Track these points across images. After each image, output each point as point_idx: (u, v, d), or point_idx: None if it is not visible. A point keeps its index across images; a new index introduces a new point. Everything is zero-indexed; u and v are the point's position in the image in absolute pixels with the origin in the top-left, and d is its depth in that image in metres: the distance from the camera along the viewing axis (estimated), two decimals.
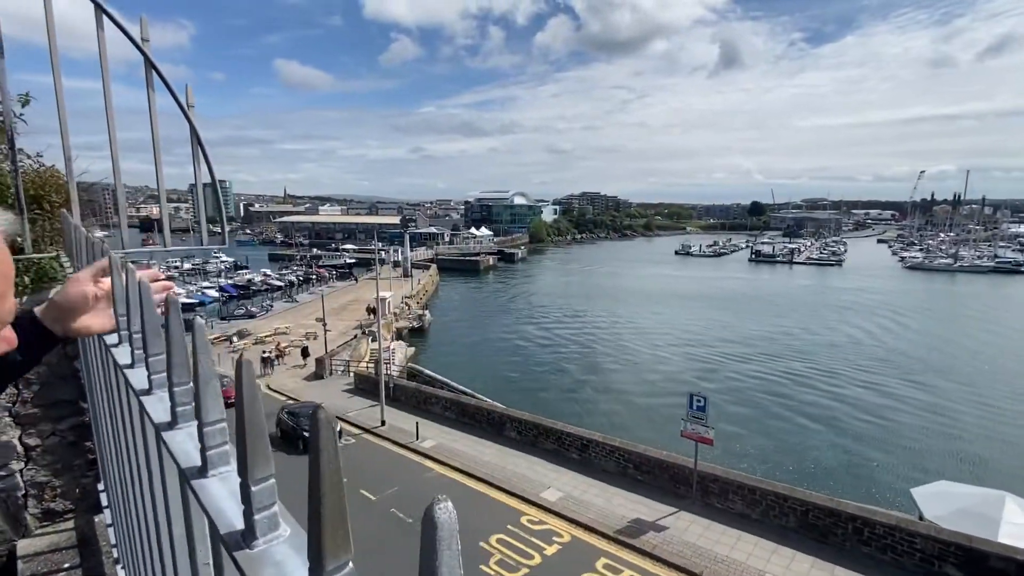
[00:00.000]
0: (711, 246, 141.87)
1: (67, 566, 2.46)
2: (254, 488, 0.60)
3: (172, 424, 0.88)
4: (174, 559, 1.01)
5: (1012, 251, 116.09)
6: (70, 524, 2.75)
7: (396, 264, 78.56)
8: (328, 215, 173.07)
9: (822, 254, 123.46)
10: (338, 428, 22.01)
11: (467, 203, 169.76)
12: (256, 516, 0.59)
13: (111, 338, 1.38)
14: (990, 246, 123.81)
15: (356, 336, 40.36)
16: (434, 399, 24.97)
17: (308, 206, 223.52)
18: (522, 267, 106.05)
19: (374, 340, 34.26)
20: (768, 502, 15.02)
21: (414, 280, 68.00)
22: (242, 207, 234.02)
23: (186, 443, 0.82)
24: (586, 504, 16.52)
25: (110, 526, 2.39)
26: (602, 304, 64.19)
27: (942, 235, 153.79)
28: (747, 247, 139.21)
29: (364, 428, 23.29)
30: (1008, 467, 24.32)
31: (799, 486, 16.29)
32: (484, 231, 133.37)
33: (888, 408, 31.81)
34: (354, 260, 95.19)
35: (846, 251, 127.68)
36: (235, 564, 0.57)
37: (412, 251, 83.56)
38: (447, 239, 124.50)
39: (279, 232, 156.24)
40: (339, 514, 0.47)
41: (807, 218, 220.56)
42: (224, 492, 0.70)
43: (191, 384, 0.80)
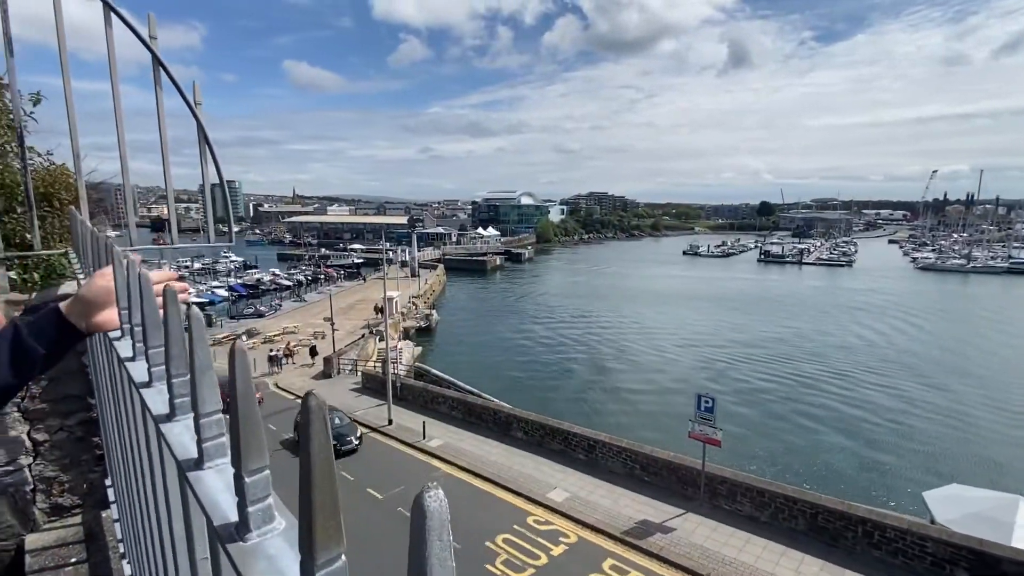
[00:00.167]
0: (719, 246, 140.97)
1: (74, 561, 2.47)
2: (248, 479, 0.58)
3: (170, 416, 0.87)
4: (174, 553, 1.00)
5: None
6: (77, 519, 2.76)
7: (404, 264, 78.85)
8: (336, 215, 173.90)
9: (832, 255, 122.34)
10: (359, 434, 21.46)
11: (474, 203, 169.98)
12: (250, 508, 0.58)
13: (114, 332, 1.38)
14: (1004, 247, 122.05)
15: (364, 335, 40.52)
16: (441, 398, 25.01)
17: (317, 206, 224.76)
18: (529, 267, 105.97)
19: (381, 339, 34.37)
20: (777, 504, 14.90)
21: (421, 280, 68.15)
22: (251, 207, 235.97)
23: (183, 435, 0.81)
24: (593, 505, 16.46)
25: (116, 521, 2.40)
26: (609, 304, 63.98)
27: (955, 235, 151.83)
28: (756, 247, 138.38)
29: (371, 427, 23.37)
30: (1022, 471, 23.95)
31: (809, 488, 16.16)
32: (491, 231, 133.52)
33: (899, 410, 31.43)
34: (362, 260, 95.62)
35: (857, 252, 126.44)
36: (228, 557, 0.56)
37: (419, 251, 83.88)
38: (454, 239, 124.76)
39: (288, 232, 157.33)
40: (331, 505, 0.46)
41: (817, 218, 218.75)
42: (220, 484, 0.69)
43: (189, 376, 0.79)
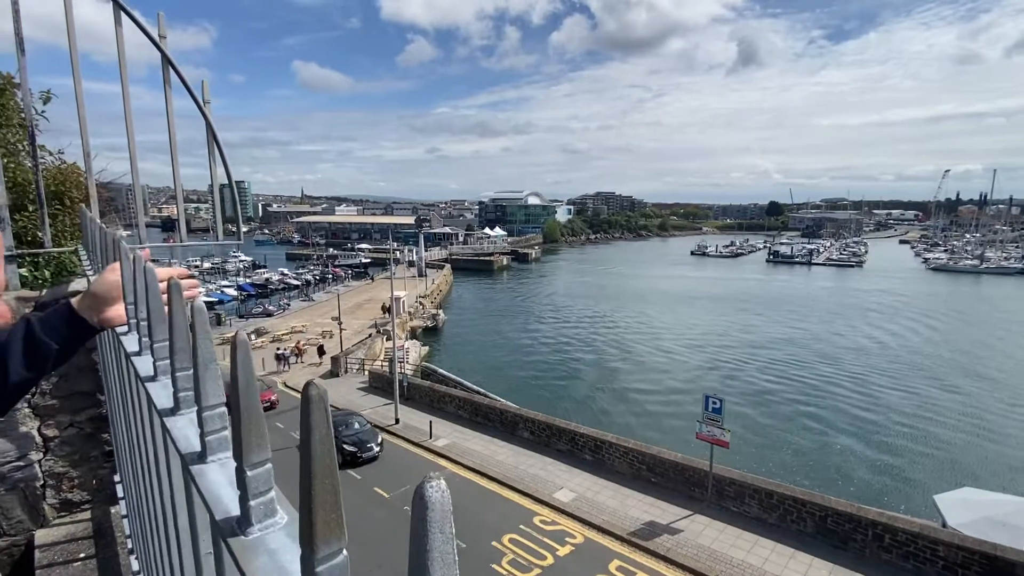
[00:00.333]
0: (728, 247, 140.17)
1: (83, 556, 2.49)
2: (249, 473, 0.57)
3: (175, 410, 0.87)
4: (179, 548, 1.00)
5: None
6: (87, 514, 2.78)
7: (411, 264, 79.05)
8: (344, 215, 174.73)
9: (842, 255, 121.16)
10: (380, 440, 20.37)
11: (481, 203, 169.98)
12: (251, 502, 0.57)
13: (123, 327, 1.38)
14: (1018, 247, 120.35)
15: (371, 335, 40.66)
16: (448, 398, 25.03)
17: (325, 206, 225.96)
18: (536, 267, 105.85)
19: (389, 339, 34.48)
20: (786, 506, 14.77)
21: (428, 280, 68.28)
22: (261, 207, 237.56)
23: (187, 429, 0.81)
24: (599, 505, 16.41)
25: (125, 517, 2.41)
26: (616, 304, 63.77)
27: (967, 236, 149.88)
28: (765, 248, 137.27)
29: (378, 426, 23.43)
30: None
31: (818, 490, 16.00)
32: (498, 231, 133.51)
33: (911, 412, 31.05)
34: (369, 260, 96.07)
35: (867, 252, 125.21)
36: (229, 551, 0.55)
37: (426, 251, 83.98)
38: (461, 239, 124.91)
39: (296, 232, 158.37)
40: (332, 498, 0.44)
41: (826, 218, 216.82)
42: (222, 478, 0.68)
43: (193, 369, 0.78)
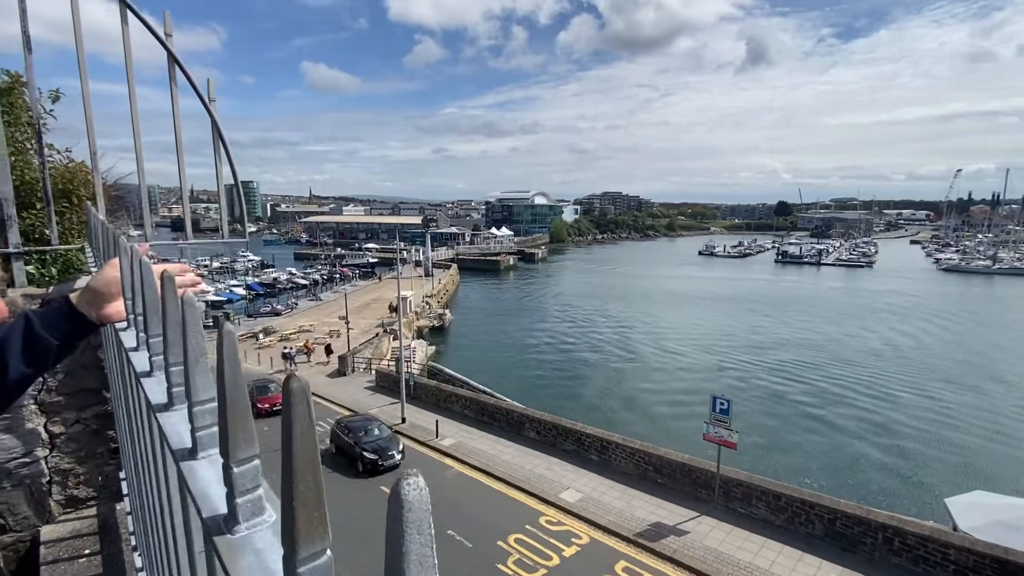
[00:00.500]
0: (736, 247, 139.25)
1: (87, 552, 2.49)
2: (236, 469, 0.56)
3: (168, 405, 0.85)
4: (176, 546, 0.99)
5: None
6: (92, 511, 2.79)
7: (418, 264, 79.28)
8: (352, 215, 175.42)
9: (852, 255, 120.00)
10: (401, 447, 19.54)
11: (488, 203, 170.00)
12: (238, 500, 0.56)
13: (122, 323, 1.38)
14: None
15: (378, 334, 40.79)
16: (454, 397, 25.06)
17: (332, 206, 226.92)
18: (542, 267, 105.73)
19: (395, 338, 34.57)
20: (794, 508, 14.64)
21: (435, 279, 68.42)
22: (269, 207, 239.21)
23: (180, 425, 0.79)
24: (605, 506, 16.35)
25: (129, 514, 2.42)
26: (622, 305, 63.55)
27: (980, 236, 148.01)
28: (773, 248, 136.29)
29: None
30: None
31: (826, 493, 15.85)
32: (504, 231, 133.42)
33: (922, 414, 30.70)
34: (376, 259, 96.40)
35: (877, 252, 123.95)
36: (215, 550, 0.53)
37: (433, 251, 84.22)
38: (468, 239, 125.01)
39: (304, 232, 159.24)
40: (315, 496, 0.43)
41: (836, 218, 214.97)
42: (212, 475, 0.67)
43: (183, 364, 0.77)
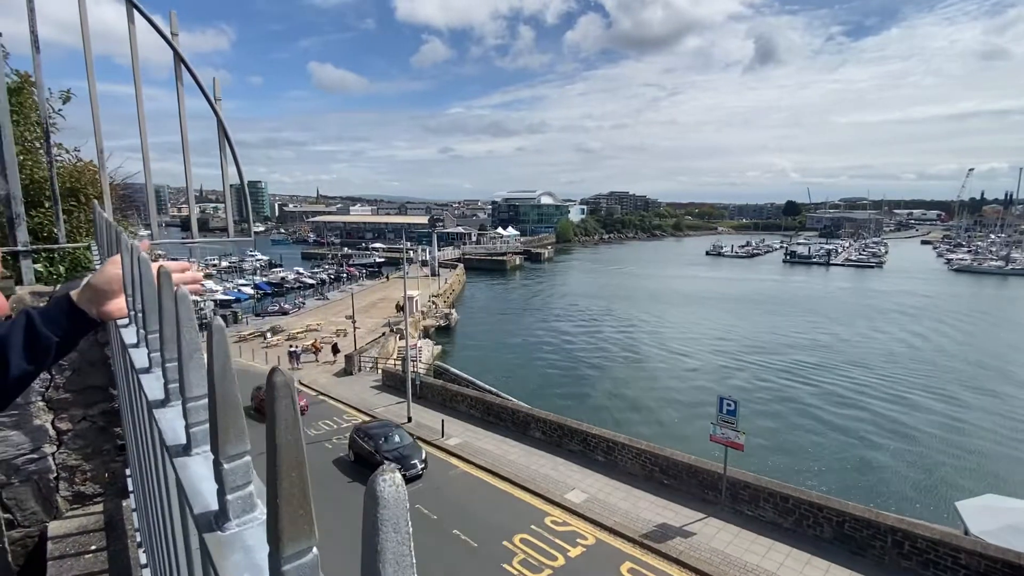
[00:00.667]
0: (744, 247, 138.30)
1: (94, 548, 2.51)
2: (226, 465, 0.55)
3: (165, 401, 0.85)
4: (174, 542, 0.99)
5: None
6: (99, 507, 2.81)
7: (424, 263, 79.43)
8: (359, 215, 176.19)
9: (861, 255, 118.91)
10: (424, 455, 18.84)
11: (494, 203, 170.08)
12: (229, 496, 0.55)
13: (124, 320, 1.38)
14: None
15: (384, 333, 40.91)
16: (460, 397, 25.08)
17: (339, 206, 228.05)
18: (548, 267, 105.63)
19: (402, 338, 34.66)
20: (802, 511, 14.52)
21: (441, 279, 68.55)
22: (277, 207, 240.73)
23: (175, 421, 0.79)
24: (611, 507, 16.30)
25: (135, 510, 2.43)
26: (628, 305, 63.35)
27: (992, 236, 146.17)
28: (781, 248, 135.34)
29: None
30: None
31: (835, 495, 15.71)
32: (511, 231, 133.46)
33: (932, 416, 30.35)
34: (383, 259, 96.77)
35: (887, 252, 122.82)
36: (204, 547, 0.53)
37: (440, 251, 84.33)
38: (474, 239, 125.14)
39: (312, 231, 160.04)
40: (300, 494, 0.42)
41: (845, 218, 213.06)
42: (205, 471, 0.66)
43: (177, 359, 0.76)
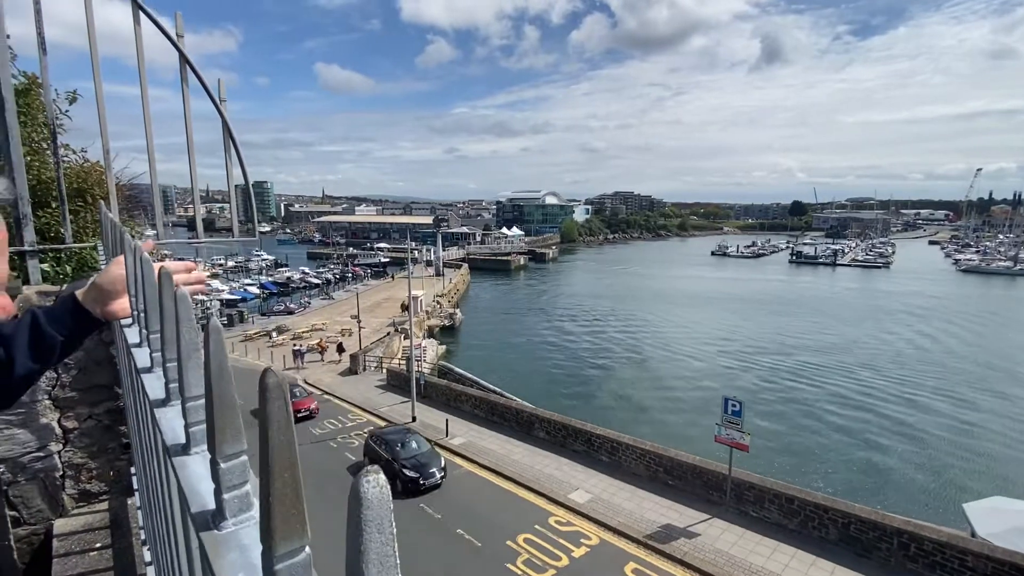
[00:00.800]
0: (749, 247, 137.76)
1: (99, 546, 2.53)
2: (223, 465, 0.56)
3: (165, 401, 0.86)
4: (176, 539, 1.00)
5: None
6: (104, 505, 2.83)
7: (429, 263, 79.57)
8: (364, 215, 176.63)
9: (868, 256, 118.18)
10: (443, 464, 17.71)
11: (499, 203, 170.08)
12: (225, 495, 0.55)
13: (128, 319, 1.39)
14: None
15: (389, 333, 41.02)
16: (464, 397, 25.11)
17: (345, 206, 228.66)
18: (553, 267, 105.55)
19: (406, 337, 34.72)
20: (807, 512, 14.44)
21: (446, 279, 68.64)
22: (283, 207, 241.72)
23: (175, 420, 0.80)
24: (615, 507, 16.27)
25: (139, 508, 2.46)
26: (633, 305, 63.21)
27: (1001, 236, 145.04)
28: (787, 248, 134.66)
29: (395, 424, 23.64)
30: None
31: (840, 496, 15.63)
32: (515, 231, 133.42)
33: (940, 418, 30.12)
34: (388, 259, 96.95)
35: (894, 253, 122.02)
36: (200, 545, 0.53)
37: (444, 250, 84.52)
38: (479, 239, 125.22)
39: (317, 231, 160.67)
40: (293, 494, 0.42)
41: (852, 218, 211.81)
42: (203, 470, 0.67)
43: (178, 359, 0.77)
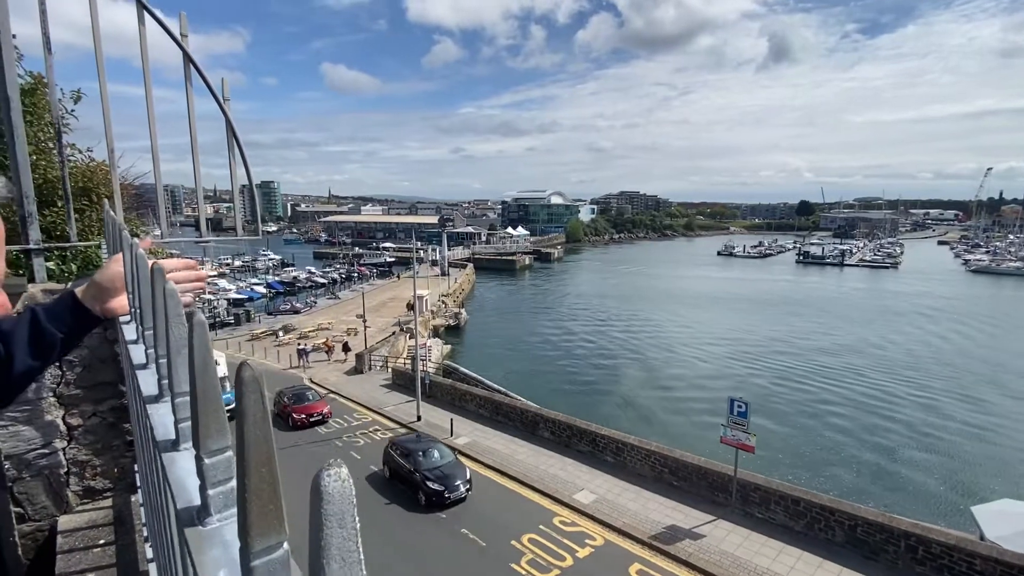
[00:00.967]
0: (756, 247, 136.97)
1: (102, 542, 2.55)
2: (207, 461, 0.55)
3: (158, 397, 0.86)
4: (168, 535, 1.00)
5: None
6: (108, 502, 2.85)
7: (434, 263, 79.70)
8: (370, 215, 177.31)
9: (876, 256, 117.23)
10: (468, 475, 16.68)
11: (504, 203, 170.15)
12: (210, 491, 0.55)
13: (127, 316, 1.40)
14: None
15: (394, 333, 41.10)
16: (469, 396, 25.13)
17: (351, 206, 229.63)
18: (558, 267, 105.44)
19: (412, 337, 34.79)
20: (813, 514, 14.34)
21: (451, 279, 68.73)
22: (289, 207, 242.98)
23: (167, 416, 0.80)
24: (620, 508, 16.22)
25: (142, 505, 2.47)
26: (638, 306, 63.05)
27: (1011, 236, 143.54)
28: (794, 248, 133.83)
29: (400, 423, 23.71)
30: None
31: (847, 499, 15.51)
32: (520, 231, 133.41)
33: (949, 421, 29.83)
34: (394, 259, 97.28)
35: (903, 253, 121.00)
36: (184, 541, 0.53)
37: (450, 250, 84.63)
38: (484, 239, 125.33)
39: (323, 231, 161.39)
40: (269, 488, 0.42)
41: (860, 218, 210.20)
42: (190, 466, 0.66)
43: (166, 355, 0.77)
